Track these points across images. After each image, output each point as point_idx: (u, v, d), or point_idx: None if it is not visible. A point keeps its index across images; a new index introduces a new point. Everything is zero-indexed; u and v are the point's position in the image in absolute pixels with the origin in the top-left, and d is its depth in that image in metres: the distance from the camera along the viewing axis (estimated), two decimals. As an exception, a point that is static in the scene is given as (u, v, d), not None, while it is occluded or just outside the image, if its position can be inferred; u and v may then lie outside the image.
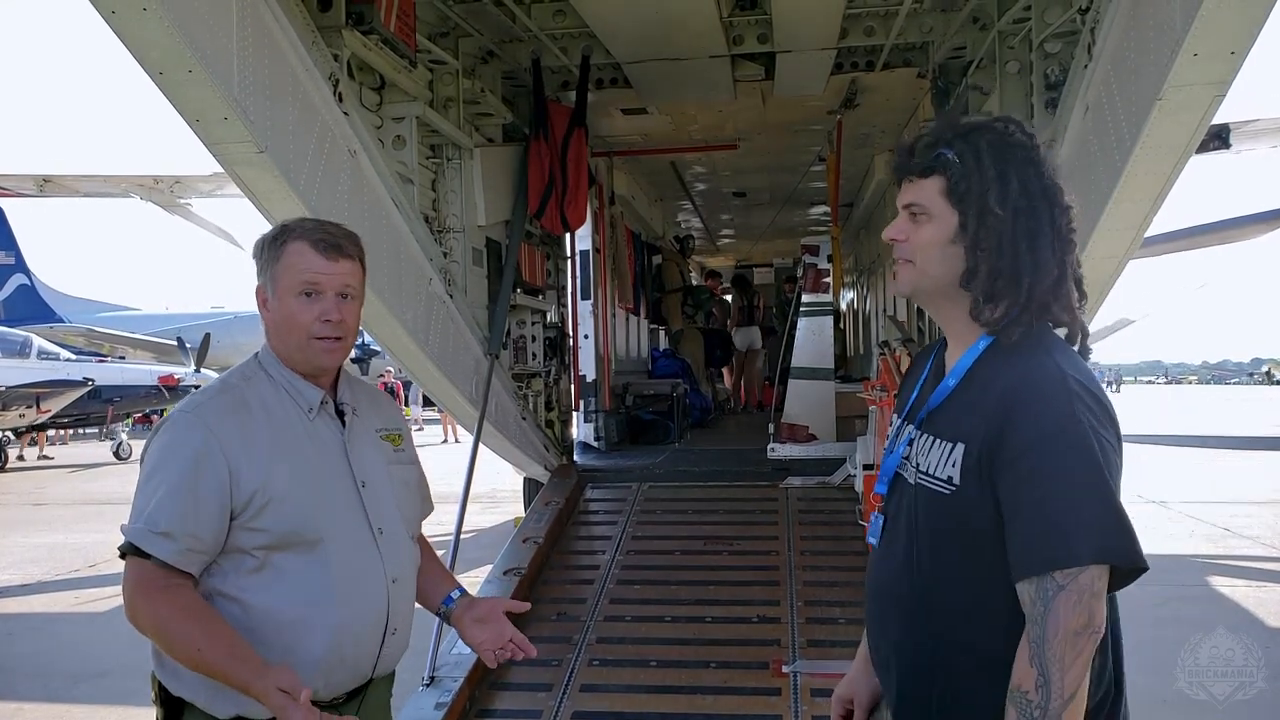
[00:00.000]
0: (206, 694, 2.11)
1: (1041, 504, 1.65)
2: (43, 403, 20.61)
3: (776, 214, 14.59)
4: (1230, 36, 3.41)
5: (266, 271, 2.24)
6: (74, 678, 6.61)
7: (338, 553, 2.16)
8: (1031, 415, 1.67)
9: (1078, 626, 1.60)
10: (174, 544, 2.04)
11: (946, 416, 1.82)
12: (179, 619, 2.04)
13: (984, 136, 1.80)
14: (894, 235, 1.87)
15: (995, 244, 1.75)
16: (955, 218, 1.79)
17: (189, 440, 2.11)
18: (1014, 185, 1.76)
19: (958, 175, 1.77)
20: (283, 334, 2.24)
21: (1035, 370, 1.72)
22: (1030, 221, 1.75)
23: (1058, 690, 1.60)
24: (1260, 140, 14.89)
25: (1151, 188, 4.22)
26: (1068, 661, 1.60)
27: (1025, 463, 1.66)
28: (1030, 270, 1.75)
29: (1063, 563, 1.61)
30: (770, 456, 7.78)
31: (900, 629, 1.87)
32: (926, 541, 1.81)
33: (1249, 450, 21.42)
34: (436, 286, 5.67)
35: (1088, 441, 1.65)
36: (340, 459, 2.26)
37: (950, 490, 1.75)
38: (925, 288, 1.87)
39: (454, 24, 6.20)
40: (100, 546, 11.28)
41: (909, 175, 1.85)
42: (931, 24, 6.55)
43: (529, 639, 2.41)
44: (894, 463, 1.94)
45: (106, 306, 40.09)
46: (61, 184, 17.45)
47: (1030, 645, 1.63)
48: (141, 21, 3.32)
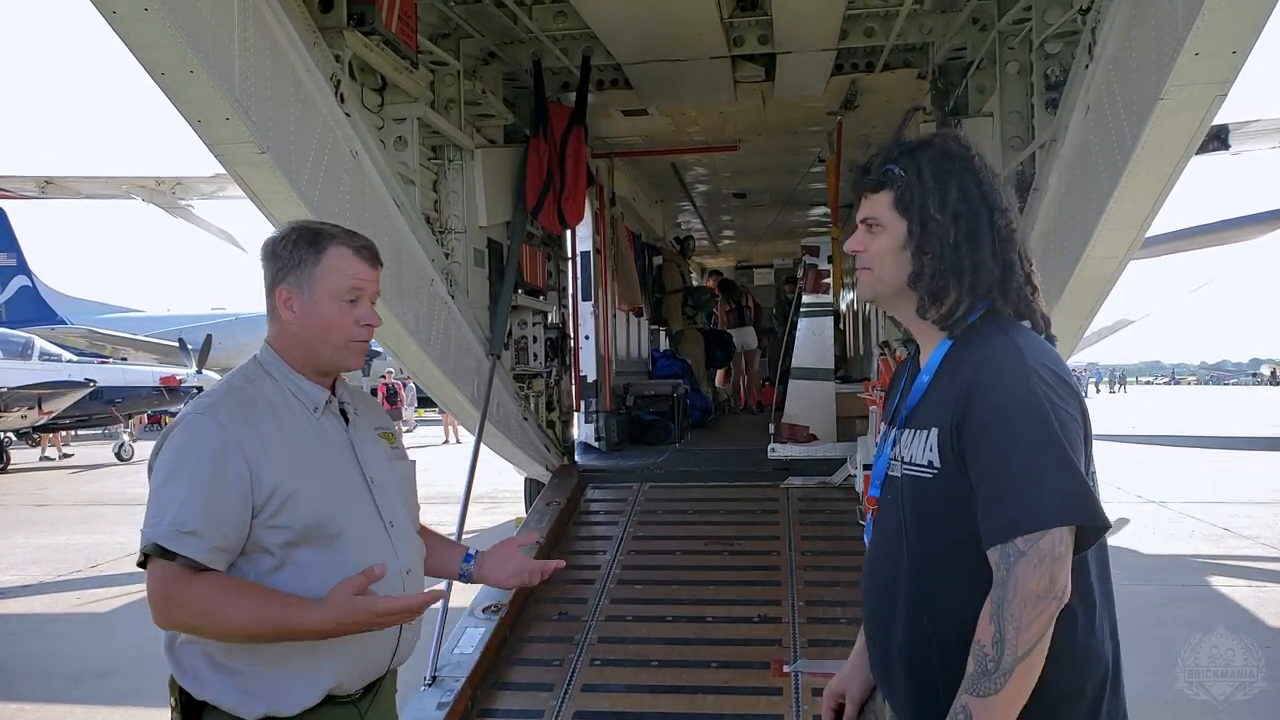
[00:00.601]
0: (234, 695, 2.12)
1: (1001, 473, 1.75)
2: (44, 404, 20.63)
3: (777, 215, 14.60)
4: (1232, 36, 3.41)
5: (300, 273, 2.24)
6: (75, 678, 6.61)
7: (355, 547, 2.19)
8: (989, 392, 1.80)
9: (1039, 590, 1.68)
10: (203, 543, 2.05)
11: (922, 409, 1.94)
12: (221, 594, 2.06)
13: (926, 152, 1.97)
14: (854, 247, 2.04)
15: (937, 247, 1.92)
16: (904, 226, 1.96)
17: (207, 441, 2.11)
18: (953, 193, 1.93)
19: (903, 188, 1.95)
20: (314, 335, 2.26)
21: (992, 351, 1.85)
22: (970, 224, 1.92)
23: (1011, 647, 1.68)
24: (1259, 141, 14.89)
25: (1152, 187, 4.22)
26: (1024, 621, 1.68)
27: (985, 437, 1.78)
28: (970, 270, 1.91)
29: (1024, 527, 1.70)
30: (771, 457, 7.79)
31: (895, 615, 1.94)
32: (914, 525, 1.91)
33: (1248, 450, 21.43)
34: (438, 287, 5.68)
35: (1043, 413, 1.75)
36: (349, 456, 2.29)
37: (932, 474, 1.87)
38: (882, 292, 2.03)
39: (455, 25, 6.20)
40: (102, 547, 11.30)
41: (864, 191, 2.03)
42: (932, 25, 6.55)
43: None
44: (883, 464, 2.04)
45: (108, 308, 40.15)
46: (63, 185, 17.46)
47: (992, 603, 1.72)
48: (143, 22, 3.32)
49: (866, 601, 2.06)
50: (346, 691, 2.21)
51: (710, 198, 14.01)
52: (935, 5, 6.41)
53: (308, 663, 2.14)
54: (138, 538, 2.09)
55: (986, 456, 1.76)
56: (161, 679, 2.27)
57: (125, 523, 12.85)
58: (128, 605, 8.54)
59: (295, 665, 2.13)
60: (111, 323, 35.76)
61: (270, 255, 2.29)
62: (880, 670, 2.03)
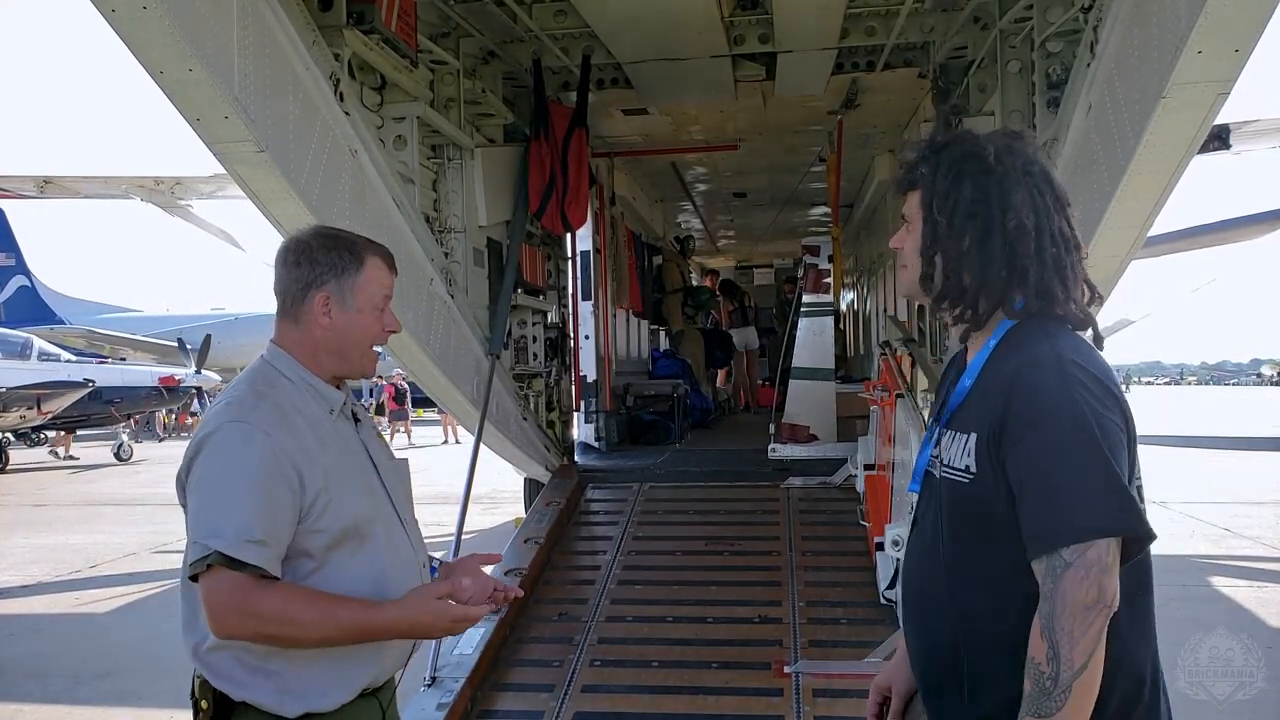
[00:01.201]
0: (274, 695, 2.13)
1: (1045, 483, 1.72)
2: (43, 404, 20.61)
3: (777, 215, 14.60)
4: (1235, 34, 3.41)
5: (340, 280, 2.26)
6: (74, 679, 6.59)
7: (383, 546, 2.24)
8: (1030, 398, 1.77)
9: (1088, 601, 1.66)
10: (268, 551, 2.05)
11: (963, 412, 1.93)
12: (302, 600, 2.08)
13: (947, 151, 1.96)
14: (894, 244, 2.07)
15: (944, 248, 1.93)
16: (923, 225, 1.97)
17: (253, 449, 2.09)
18: (965, 193, 1.91)
19: (928, 188, 1.96)
20: (349, 342, 2.30)
21: (1033, 356, 1.81)
22: (982, 225, 1.89)
23: (1067, 662, 1.66)
24: (1260, 140, 14.86)
25: (1154, 186, 4.22)
26: (1077, 635, 1.66)
27: (1027, 444, 1.75)
28: (978, 271, 1.90)
29: (1069, 539, 1.68)
30: (771, 457, 7.78)
31: (930, 617, 1.94)
32: (949, 529, 1.90)
33: (1249, 451, 21.43)
34: (438, 287, 5.67)
35: (1085, 420, 1.72)
36: (363, 456, 2.33)
37: (969, 478, 1.84)
38: (913, 290, 2.03)
39: (455, 24, 6.19)
40: (101, 548, 11.28)
41: (902, 189, 2.04)
42: (932, 24, 6.55)
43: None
44: (923, 462, 2.04)
45: (107, 308, 40.14)
46: (62, 185, 17.43)
47: (1041, 619, 1.69)
48: (142, 20, 3.31)
49: (905, 601, 2.08)
50: (376, 686, 2.27)
51: (710, 197, 14.00)
52: (936, 4, 6.40)
53: (344, 660, 2.17)
54: (137, 539, 2.08)
55: (1028, 465, 1.74)
56: (160, 679, 2.26)
57: (124, 523, 12.84)
58: (127, 606, 8.54)
59: (331, 663, 2.16)
60: (110, 323, 35.77)
61: (307, 260, 2.26)
62: (916, 665, 2.04)
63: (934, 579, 1.93)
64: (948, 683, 1.89)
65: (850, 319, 18.15)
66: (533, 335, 7.65)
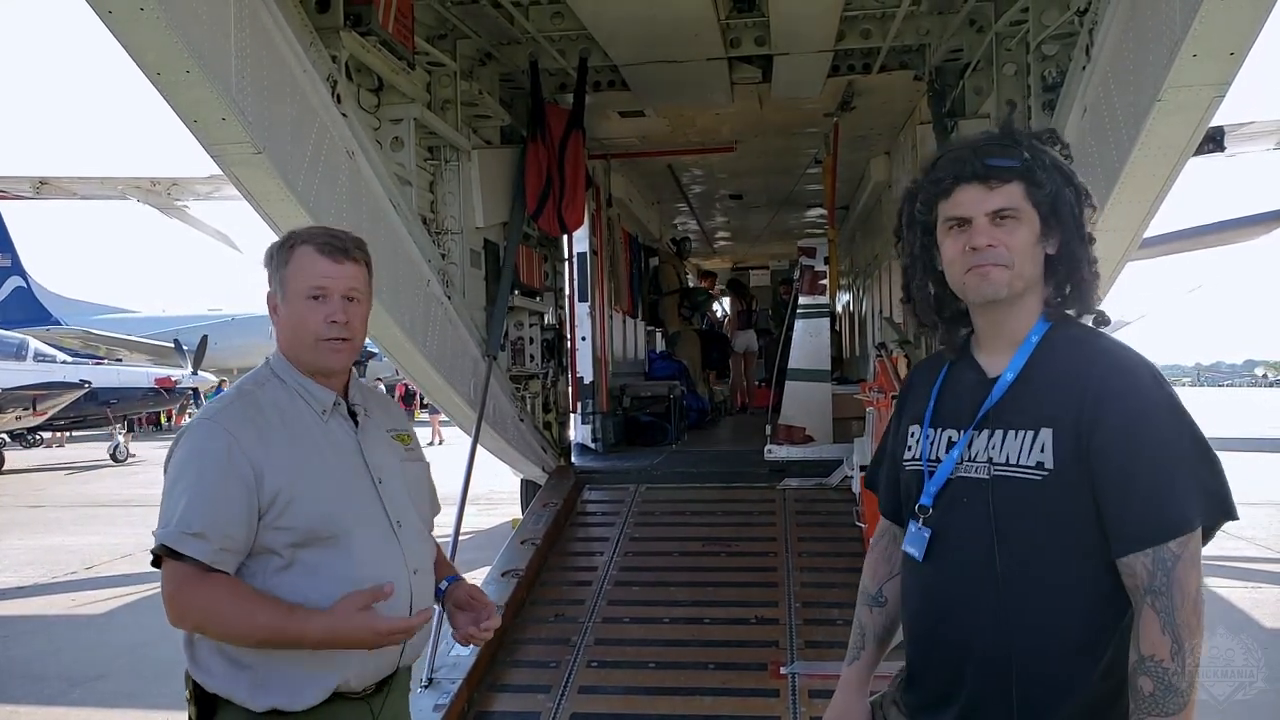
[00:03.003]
0: (246, 689, 2.16)
1: (1149, 476, 1.72)
2: (39, 405, 20.58)
3: (773, 216, 14.61)
4: (1230, 37, 3.42)
5: (276, 277, 2.32)
6: (70, 681, 6.58)
7: (361, 546, 2.22)
8: (1125, 393, 1.77)
9: (1197, 592, 1.68)
10: (208, 544, 2.09)
11: (1016, 408, 1.86)
12: (228, 598, 2.10)
13: (1043, 146, 1.93)
14: (987, 241, 1.88)
15: (1068, 245, 1.90)
16: (1038, 220, 1.89)
17: (211, 445, 2.16)
18: (1069, 191, 1.90)
19: (1040, 180, 1.88)
20: (293, 337, 2.31)
21: (1113, 353, 1.83)
22: (1080, 221, 1.91)
23: (1191, 655, 1.66)
24: (1254, 143, 14.88)
25: (1150, 189, 4.23)
26: (1195, 625, 1.67)
27: (1126, 438, 1.73)
28: (1085, 265, 1.91)
29: (1178, 530, 1.69)
30: (767, 458, 7.79)
31: (974, 628, 1.84)
32: (1012, 529, 1.81)
33: (1243, 452, 21.45)
34: (434, 288, 5.67)
35: (1180, 410, 1.76)
36: (356, 457, 2.32)
37: (1043, 475, 1.78)
38: (1018, 289, 1.90)
39: (452, 26, 6.20)
40: (97, 549, 11.26)
41: (991, 181, 1.88)
42: (928, 26, 6.56)
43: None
44: (948, 468, 1.92)
45: (103, 309, 40.04)
46: (58, 186, 17.38)
47: (1159, 615, 1.67)
48: (139, 22, 3.31)
49: (929, 613, 1.94)
50: (355, 689, 2.24)
51: (706, 199, 14.01)
52: (932, 7, 6.41)
53: (318, 660, 2.17)
54: (133, 539, 2.11)
55: (1129, 459, 1.72)
56: (157, 681, 2.27)
57: (120, 524, 12.83)
58: (123, 607, 8.52)
59: (306, 662, 2.16)
60: (106, 324, 35.68)
61: (265, 262, 2.37)
62: (940, 683, 1.91)
63: (975, 594, 1.83)
64: (989, 702, 1.81)
65: (846, 321, 18.17)
66: (529, 337, 7.65)
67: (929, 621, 1.94)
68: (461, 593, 2.49)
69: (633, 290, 12.31)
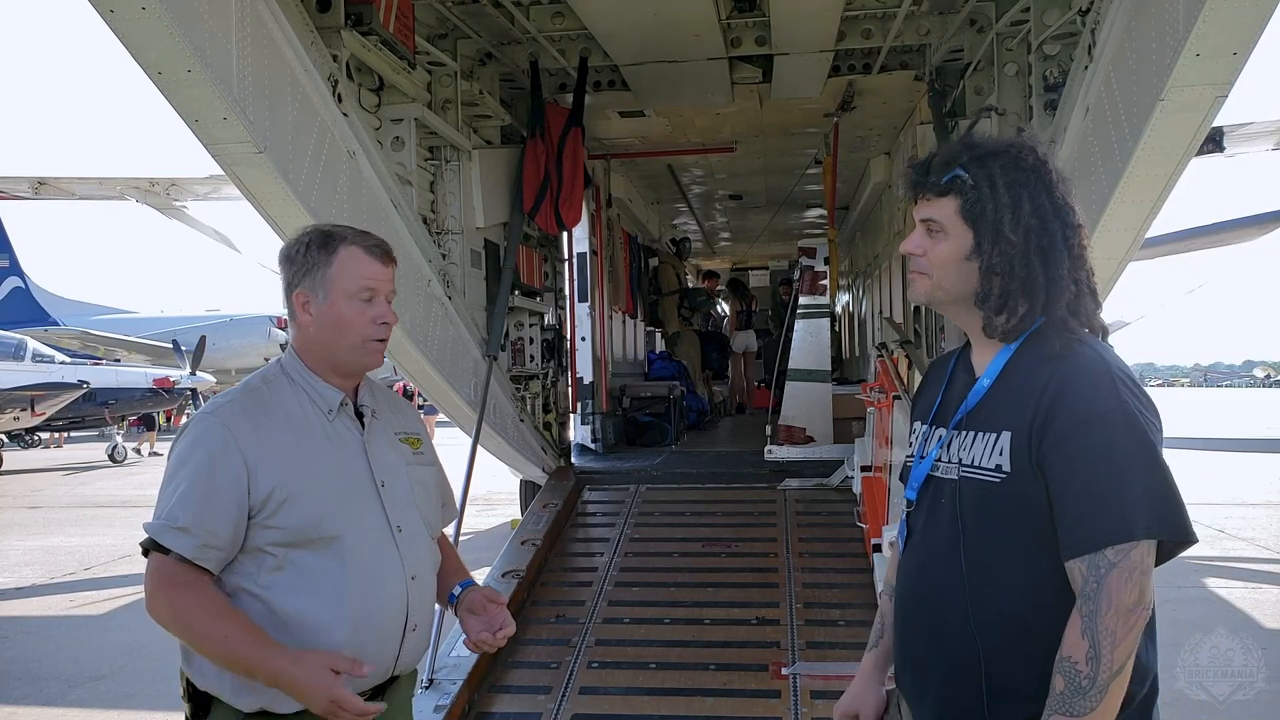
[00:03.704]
0: (231, 688, 2.15)
1: (1091, 482, 1.70)
2: (37, 405, 20.56)
3: (773, 217, 14.60)
4: (1233, 37, 3.41)
5: (313, 276, 2.28)
6: (69, 681, 6.56)
7: (356, 550, 2.20)
8: (1077, 398, 1.74)
9: (1130, 603, 1.66)
10: (191, 539, 2.09)
11: (987, 411, 1.88)
12: (201, 613, 2.08)
13: (997, 161, 1.87)
14: (912, 249, 1.95)
15: (1008, 267, 1.84)
16: (970, 237, 1.87)
17: (207, 440, 2.17)
18: (1026, 208, 1.84)
19: (972, 198, 1.86)
20: (332, 336, 2.29)
21: (1077, 358, 1.79)
22: (1043, 240, 1.84)
23: (1107, 663, 1.65)
24: (1253, 143, 14.89)
25: (1152, 189, 4.22)
26: (1119, 636, 1.65)
27: (1073, 443, 1.72)
28: (1044, 288, 1.83)
29: (1115, 538, 1.67)
30: (768, 458, 7.79)
31: (940, 622, 1.88)
32: (975, 529, 1.84)
33: (1242, 452, 21.48)
34: (435, 288, 5.66)
35: (1134, 420, 1.72)
36: (359, 459, 2.29)
37: (1001, 478, 1.80)
38: (940, 299, 1.95)
39: (453, 26, 6.20)
40: (95, 550, 11.25)
41: (925, 193, 1.92)
42: (929, 26, 6.55)
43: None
44: (926, 467, 1.97)
45: (101, 309, 39.96)
46: (57, 186, 17.37)
47: (1082, 619, 1.67)
48: (140, 21, 3.31)
49: (904, 608, 2.00)
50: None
51: (706, 199, 14.01)
52: (933, 7, 6.41)
53: None
54: (131, 540, 2.11)
55: (1074, 465, 1.72)
56: (155, 682, 2.27)
57: (119, 525, 12.83)
58: (122, 608, 8.50)
59: None
60: (105, 324, 35.60)
61: (286, 260, 2.32)
62: (914, 679, 1.96)
63: (947, 587, 1.87)
64: (964, 693, 1.84)
65: (846, 321, 18.16)
66: (529, 337, 7.64)
67: (905, 612, 2.00)
68: (477, 597, 2.47)
69: (632, 290, 12.30)
